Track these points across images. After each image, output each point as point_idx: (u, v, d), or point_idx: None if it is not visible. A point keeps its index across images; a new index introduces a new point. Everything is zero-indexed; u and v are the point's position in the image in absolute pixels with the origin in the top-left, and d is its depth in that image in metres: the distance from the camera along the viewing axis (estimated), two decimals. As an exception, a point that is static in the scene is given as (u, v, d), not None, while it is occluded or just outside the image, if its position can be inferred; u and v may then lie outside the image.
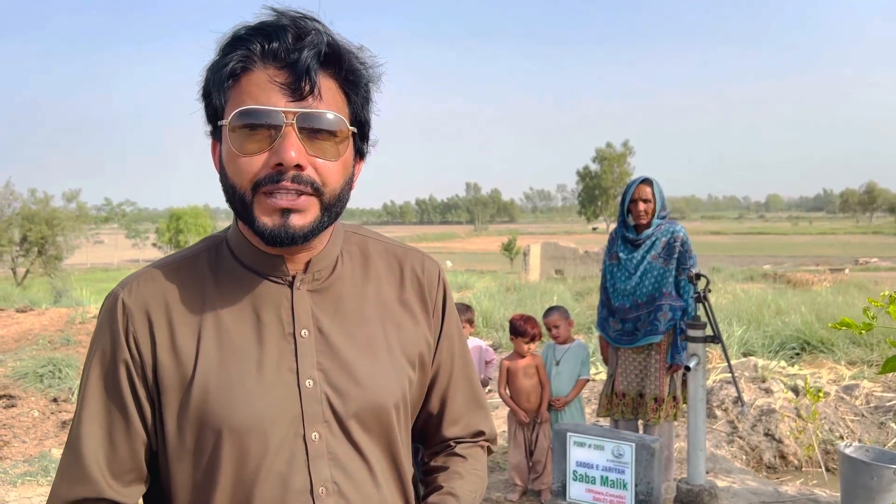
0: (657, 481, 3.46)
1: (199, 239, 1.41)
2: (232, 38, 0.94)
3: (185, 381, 0.98)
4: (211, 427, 0.97)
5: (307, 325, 1.02)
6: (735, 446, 5.13)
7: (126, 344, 0.98)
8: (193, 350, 0.99)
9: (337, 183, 0.97)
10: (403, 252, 1.17)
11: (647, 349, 4.04)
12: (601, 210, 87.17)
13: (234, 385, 0.98)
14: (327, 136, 0.94)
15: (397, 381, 1.07)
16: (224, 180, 0.97)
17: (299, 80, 0.91)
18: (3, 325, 10.44)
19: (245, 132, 0.92)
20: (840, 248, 44.23)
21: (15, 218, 33.02)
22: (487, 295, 12.91)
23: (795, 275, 18.45)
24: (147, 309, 1.00)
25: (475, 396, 1.24)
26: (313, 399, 1.00)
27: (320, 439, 1.00)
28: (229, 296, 1.02)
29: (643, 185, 4.06)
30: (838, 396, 5.69)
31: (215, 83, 0.95)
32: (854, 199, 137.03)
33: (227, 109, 0.94)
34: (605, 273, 4.28)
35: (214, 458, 0.97)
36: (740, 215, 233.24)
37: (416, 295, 1.14)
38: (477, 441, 1.23)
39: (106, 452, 0.98)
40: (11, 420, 5.94)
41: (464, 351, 1.22)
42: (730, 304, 10.27)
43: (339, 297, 1.07)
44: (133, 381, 0.99)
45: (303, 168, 0.92)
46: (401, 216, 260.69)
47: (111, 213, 59.89)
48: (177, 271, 1.04)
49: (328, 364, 1.02)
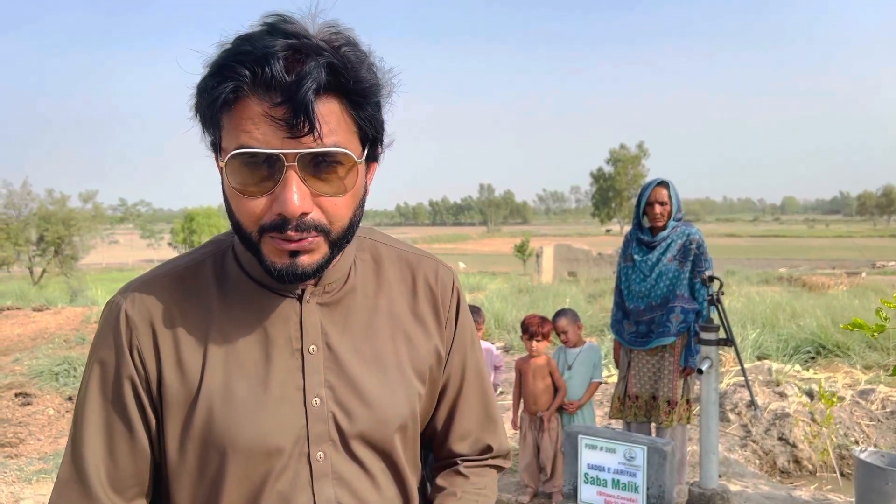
0: (669, 485, 3.44)
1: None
2: (219, 65, 0.84)
3: (190, 398, 0.94)
4: (215, 446, 0.94)
5: (315, 341, 0.99)
6: (748, 450, 5.08)
7: (131, 358, 0.95)
8: (199, 365, 0.95)
9: (346, 218, 0.91)
10: (417, 259, 1.13)
11: (661, 351, 4.02)
12: (615, 212, 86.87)
13: (239, 403, 0.94)
14: (333, 169, 0.87)
15: (406, 399, 1.04)
16: (229, 209, 0.92)
17: (297, 115, 0.82)
18: (20, 323, 10.55)
19: (244, 170, 0.85)
20: (857, 251, 43.81)
21: (32, 218, 33.36)
22: (500, 296, 12.90)
23: (811, 278, 18.29)
24: (151, 321, 0.96)
25: (487, 410, 1.19)
26: (319, 418, 0.97)
27: (325, 458, 0.98)
28: (236, 309, 0.98)
29: (659, 187, 4.04)
30: (854, 401, 5.63)
31: (207, 112, 0.87)
32: (871, 202, 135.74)
33: (224, 139, 0.87)
34: (619, 275, 4.26)
35: (218, 477, 0.95)
36: (755, 217, 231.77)
37: (430, 305, 1.10)
38: (485, 459, 1.19)
39: (108, 468, 0.95)
40: (27, 418, 6.01)
41: (477, 362, 1.18)
42: (744, 308, 10.19)
43: (350, 310, 1.03)
44: (138, 396, 0.95)
45: (307, 213, 0.86)
46: (414, 217, 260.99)
47: (126, 213, 60.35)
48: (180, 280, 0.99)
49: (336, 381, 0.99)
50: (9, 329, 10.24)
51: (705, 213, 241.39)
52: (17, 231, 32.28)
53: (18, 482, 4.53)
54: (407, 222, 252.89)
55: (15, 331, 10.12)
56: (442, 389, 1.14)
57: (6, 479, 4.56)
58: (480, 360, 1.19)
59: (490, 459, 1.20)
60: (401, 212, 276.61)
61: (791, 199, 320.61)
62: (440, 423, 1.16)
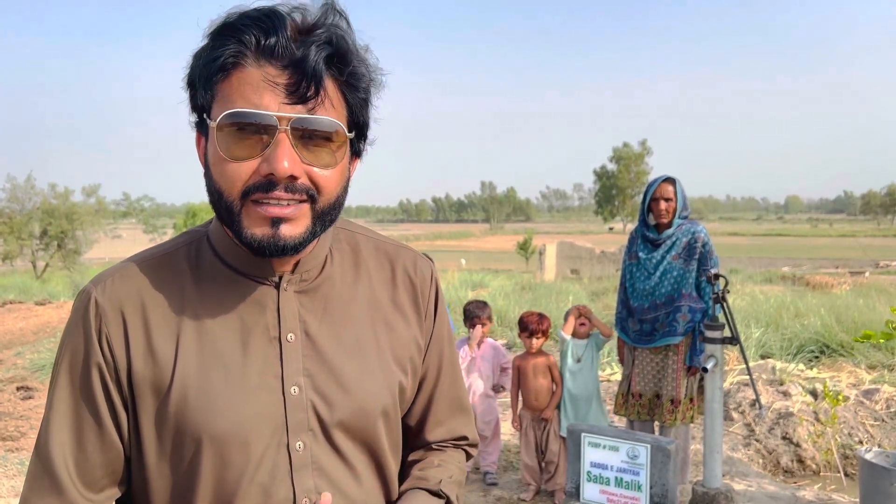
0: (672, 483, 3.42)
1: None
2: (223, 26, 0.85)
3: (163, 387, 0.92)
4: (190, 435, 0.91)
5: (293, 329, 0.97)
6: (752, 450, 5.06)
7: (99, 346, 0.92)
8: (172, 353, 0.93)
9: (333, 191, 0.91)
10: (395, 250, 1.12)
11: (665, 350, 3.99)
12: (618, 210, 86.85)
13: (215, 391, 0.92)
14: (324, 143, 0.87)
15: (386, 386, 1.03)
16: (209, 182, 0.91)
17: (301, 81, 0.83)
18: (23, 317, 10.56)
19: (234, 135, 0.85)
20: (860, 250, 43.71)
21: (35, 212, 33.36)
22: (502, 294, 12.90)
23: (815, 277, 18.27)
24: (122, 308, 0.93)
25: (460, 401, 1.20)
26: (298, 407, 0.96)
27: (305, 449, 0.96)
28: (211, 296, 0.96)
29: (665, 183, 4.01)
30: (858, 401, 5.61)
31: (202, 76, 0.87)
32: (875, 202, 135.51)
33: (215, 107, 0.87)
34: (624, 272, 4.24)
35: (194, 467, 0.92)
36: (759, 217, 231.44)
37: (409, 296, 1.09)
38: (458, 444, 1.20)
39: (76, 459, 0.93)
40: (29, 411, 6.01)
41: (451, 353, 1.18)
42: (748, 306, 10.17)
43: (328, 297, 1.02)
44: (106, 386, 0.93)
45: (296, 178, 0.86)
46: (416, 214, 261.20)
47: (129, 208, 60.38)
48: (155, 268, 0.97)
49: (315, 369, 0.97)
50: (11, 322, 10.25)
51: (708, 211, 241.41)
52: (21, 225, 32.29)
53: (20, 476, 4.53)
54: (409, 219, 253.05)
55: (17, 324, 10.13)
56: (420, 380, 1.13)
57: (7, 472, 4.56)
58: (454, 351, 1.20)
59: (464, 445, 1.21)
60: (403, 208, 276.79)
61: (794, 197, 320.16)
62: (417, 414, 1.15)
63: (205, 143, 0.92)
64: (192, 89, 0.90)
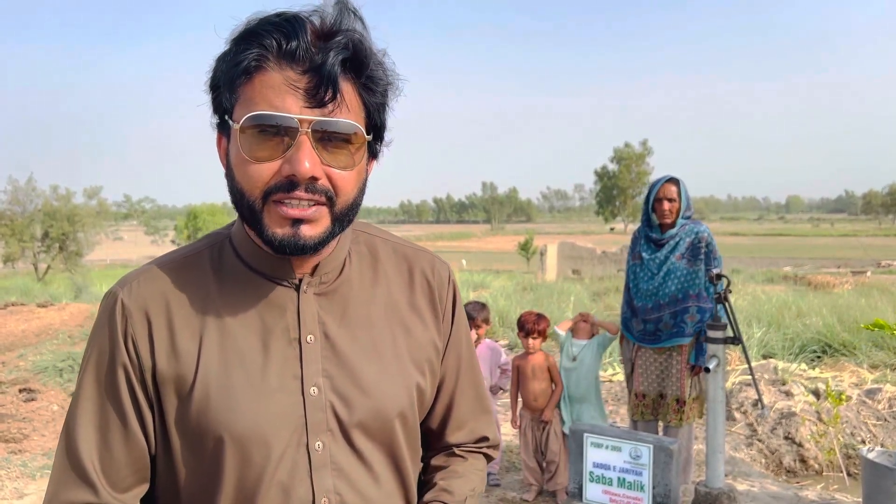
0: (675, 484, 3.42)
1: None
2: (246, 32, 0.88)
3: (186, 386, 0.94)
4: (211, 434, 0.94)
5: (313, 331, 0.99)
6: (754, 449, 5.06)
7: (125, 346, 0.95)
8: (195, 353, 0.95)
9: (351, 192, 0.94)
10: (413, 253, 1.14)
11: (668, 350, 3.99)
12: (619, 210, 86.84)
13: (236, 391, 0.94)
14: (343, 145, 0.90)
15: (404, 388, 1.04)
16: (231, 182, 0.93)
17: (320, 85, 0.86)
18: (25, 319, 10.57)
19: (256, 137, 0.87)
20: (862, 250, 43.65)
21: (37, 214, 33.38)
22: (503, 294, 12.90)
23: (816, 277, 18.26)
24: (146, 310, 0.96)
25: (481, 402, 1.21)
26: (317, 407, 0.97)
27: (324, 449, 0.97)
28: (233, 298, 0.98)
29: (668, 183, 4.01)
30: (860, 400, 5.60)
31: (226, 79, 0.90)
32: (877, 201, 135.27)
33: (238, 109, 0.89)
34: (628, 273, 4.24)
35: (216, 465, 0.94)
36: (760, 216, 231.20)
37: (426, 298, 1.11)
38: (480, 447, 1.21)
39: (101, 457, 0.95)
40: (31, 413, 6.01)
41: (471, 355, 1.20)
42: (749, 306, 10.17)
43: (347, 300, 1.03)
44: (132, 385, 0.95)
45: (317, 179, 0.88)
46: (417, 215, 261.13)
47: (131, 209, 60.54)
48: (178, 270, 1.00)
49: (334, 371, 0.99)
50: (13, 325, 10.26)
51: (710, 211, 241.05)
52: (22, 227, 32.32)
53: (22, 477, 4.53)
54: (410, 220, 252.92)
55: (19, 326, 10.14)
56: (440, 382, 1.14)
57: (10, 474, 4.56)
58: (473, 353, 1.21)
59: (485, 448, 1.22)
60: (404, 209, 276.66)
61: (796, 197, 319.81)
62: (438, 416, 1.16)
63: (226, 144, 0.95)
64: (214, 92, 0.93)
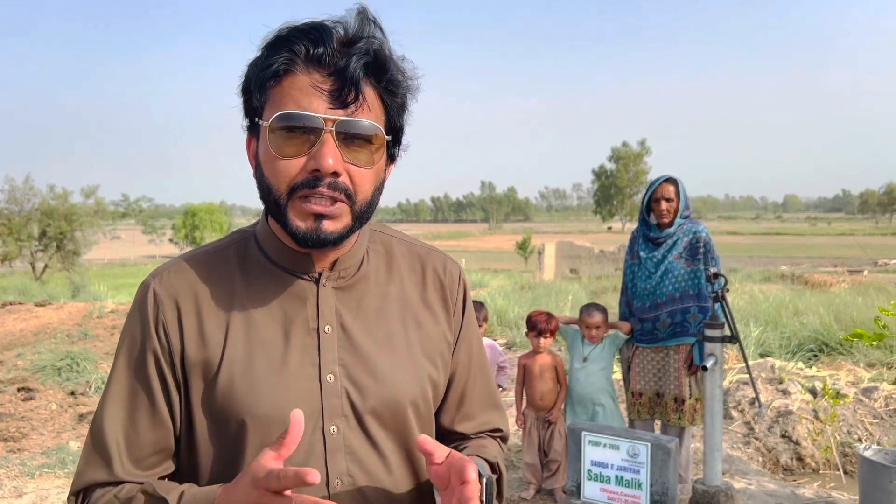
0: (673, 482, 3.43)
1: (214, 235, 1.36)
2: (276, 39, 0.95)
3: (212, 370, 1.01)
4: (234, 416, 1.00)
5: (331, 322, 1.05)
6: (752, 448, 5.08)
7: (155, 332, 1.02)
8: (221, 341, 1.02)
9: (369, 190, 0.99)
10: (426, 252, 1.20)
11: (666, 349, 4.00)
12: (617, 209, 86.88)
13: (258, 376, 1.01)
14: (363, 144, 0.96)
15: (416, 378, 1.09)
16: (260, 178, 1.00)
17: (343, 88, 0.93)
18: (23, 318, 10.57)
19: (284, 135, 0.94)
20: (859, 249, 43.74)
21: (34, 213, 33.30)
22: (502, 293, 12.90)
23: (813, 276, 18.26)
24: (177, 298, 1.03)
25: (492, 396, 1.26)
26: (333, 394, 1.03)
27: (338, 433, 1.03)
28: (257, 290, 1.05)
29: (666, 183, 4.02)
30: (857, 399, 5.62)
31: (257, 82, 0.96)
32: (874, 200, 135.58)
33: (267, 110, 0.96)
34: (625, 272, 4.25)
35: (238, 446, 1.00)
36: (757, 216, 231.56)
37: (438, 295, 1.17)
38: (493, 435, 1.25)
39: (128, 436, 1.01)
40: (30, 412, 6.01)
41: (481, 351, 1.25)
42: (747, 305, 10.18)
43: (363, 294, 1.10)
44: (161, 369, 1.02)
45: (339, 175, 0.94)
46: (415, 214, 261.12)
47: (128, 209, 60.35)
48: (206, 263, 1.07)
49: (349, 360, 1.05)
50: (11, 324, 10.26)
51: (707, 210, 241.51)
52: (20, 226, 32.26)
53: (21, 476, 4.53)
54: (409, 219, 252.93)
55: (17, 326, 10.14)
56: (451, 376, 1.19)
57: (9, 473, 4.57)
58: (483, 349, 1.26)
59: (498, 437, 1.27)
60: (402, 208, 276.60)
61: (793, 196, 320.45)
62: (451, 410, 1.21)
63: (255, 144, 1.02)
64: (246, 95, 1.00)
